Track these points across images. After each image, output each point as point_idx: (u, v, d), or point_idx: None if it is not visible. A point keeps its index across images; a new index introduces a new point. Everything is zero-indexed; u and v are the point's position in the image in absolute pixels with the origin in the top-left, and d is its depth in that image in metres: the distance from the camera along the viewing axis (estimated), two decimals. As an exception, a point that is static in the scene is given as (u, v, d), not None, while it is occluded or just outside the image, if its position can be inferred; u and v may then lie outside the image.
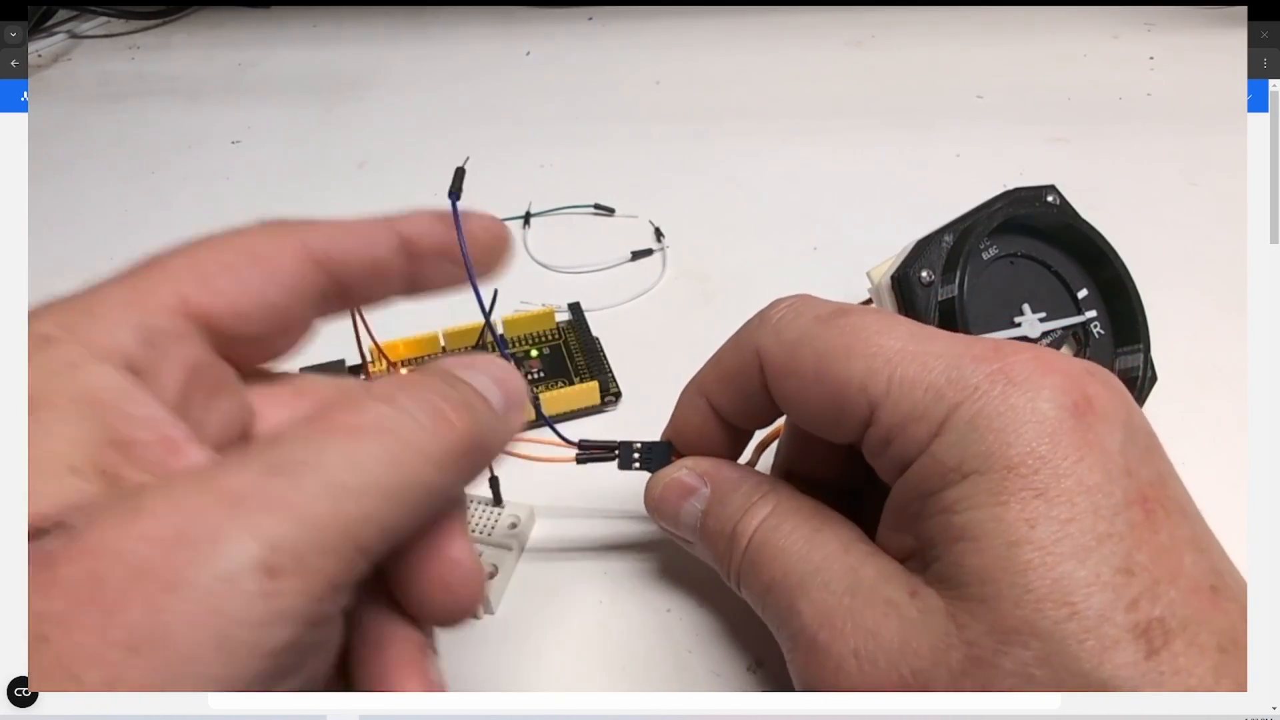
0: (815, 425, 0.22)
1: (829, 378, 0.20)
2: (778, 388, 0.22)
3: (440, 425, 0.16)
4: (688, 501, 0.24)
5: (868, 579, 0.19)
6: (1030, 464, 0.17)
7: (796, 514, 0.22)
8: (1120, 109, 0.55)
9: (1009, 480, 0.17)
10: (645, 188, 0.48)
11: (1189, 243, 0.42)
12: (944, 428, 0.18)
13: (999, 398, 0.18)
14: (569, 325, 0.37)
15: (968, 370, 0.19)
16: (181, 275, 0.18)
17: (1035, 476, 0.17)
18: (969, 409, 0.18)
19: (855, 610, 0.19)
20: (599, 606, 0.26)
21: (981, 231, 0.29)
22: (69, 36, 0.70)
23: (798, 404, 0.22)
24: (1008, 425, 0.18)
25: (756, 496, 0.23)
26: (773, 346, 0.22)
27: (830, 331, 0.21)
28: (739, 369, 0.23)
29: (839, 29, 0.67)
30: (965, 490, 0.18)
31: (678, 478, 0.24)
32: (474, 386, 0.17)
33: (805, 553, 0.21)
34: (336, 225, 0.19)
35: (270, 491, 0.13)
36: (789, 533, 0.21)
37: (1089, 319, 0.31)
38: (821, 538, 0.21)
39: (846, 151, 0.51)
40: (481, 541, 0.27)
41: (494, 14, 0.73)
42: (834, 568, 0.20)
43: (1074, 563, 0.16)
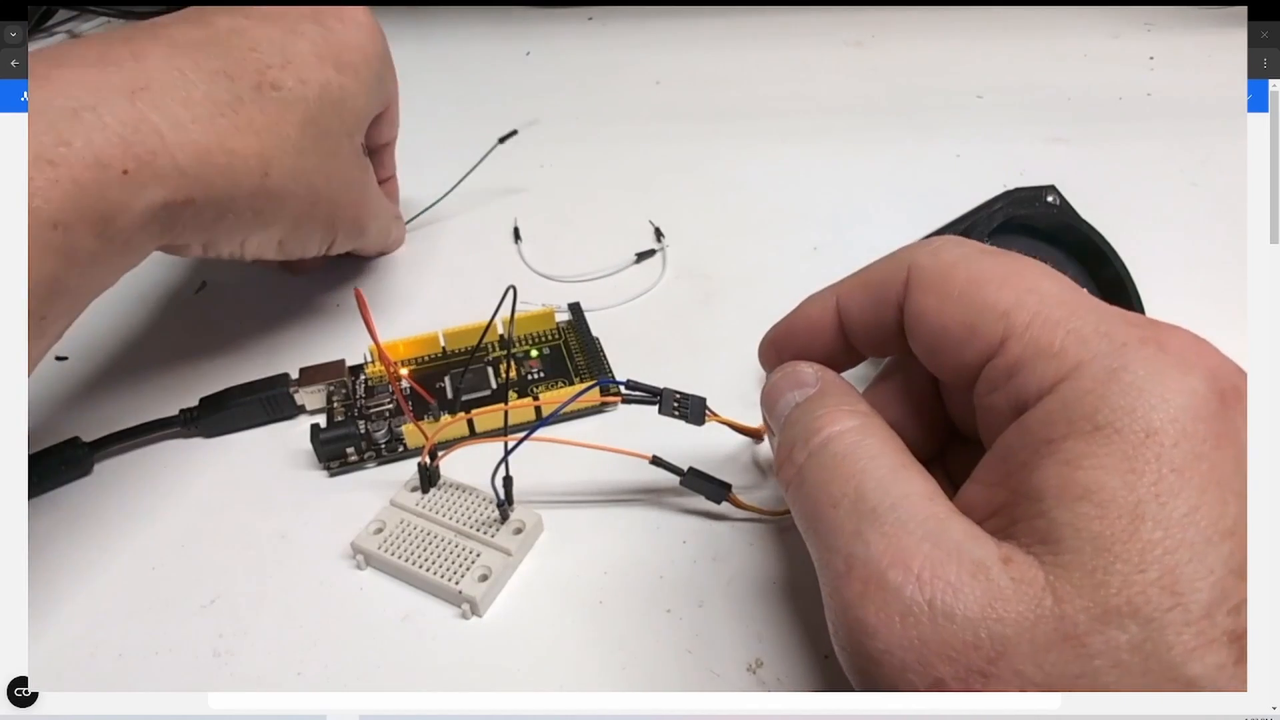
0: (938, 348, 0.21)
1: (975, 299, 0.20)
2: (917, 303, 0.21)
3: None
4: (794, 391, 0.23)
5: (953, 534, 0.18)
6: (1172, 435, 0.16)
7: (886, 441, 0.20)
8: (1120, 109, 0.55)
9: (1147, 446, 0.16)
10: (645, 188, 0.48)
11: (1189, 243, 0.42)
12: (1078, 372, 0.17)
13: (1149, 359, 0.17)
14: (569, 325, 0.37)
15: (1119, 328, 0.18)
16: None
17: (1175, 450, 0.16)
18: (1113, 360, 0.17)
19: (937, 560, 0.17)
20: (599, 606, 0.26)
21: (981, 231, 0.29)
22: (69, 37, 0.70)
23: (930, 321, 0.21)
24: (1156, 388, 0.17)
25: (852, 406, 0.22)
26: (927, 261, 0.21)
27: (991, 260, 0.20)
28: (884, 278, 0.22)
29: (839, 29, 0.67)
30: (1096, 445, 0.17)
31: (797, 367, 0.24)
32: None
33: (887, 482, 0.19)
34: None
35: None
36: (874, 455, 0.20)
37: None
38: (907, 474, 0.19)
39: (846, 151, 0.51)
40: (481, 541, 0.27)
41: (494, 14, 0.73)
42: (916, 509, 0.18)
43: (1191, 553, 0.16)
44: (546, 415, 0.30)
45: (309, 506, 0.30)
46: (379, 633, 0.26)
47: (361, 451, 0.31)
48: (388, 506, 0.29)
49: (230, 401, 0.33)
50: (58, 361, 0.36)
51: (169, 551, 0.29)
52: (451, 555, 0.27)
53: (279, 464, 0.32)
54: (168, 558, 0.28)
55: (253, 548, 0.29)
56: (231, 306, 0.40)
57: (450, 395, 0.33)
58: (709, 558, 0.28)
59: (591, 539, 0.28)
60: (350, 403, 0.33)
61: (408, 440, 0.31)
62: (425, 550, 0.27)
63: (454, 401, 0.33)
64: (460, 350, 0.35)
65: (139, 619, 0.27)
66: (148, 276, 0.42)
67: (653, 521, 0.29)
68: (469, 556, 0.27)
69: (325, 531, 0.29)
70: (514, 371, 0.34)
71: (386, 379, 0.34)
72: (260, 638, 0.26)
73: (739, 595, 0.27)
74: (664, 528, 0.29)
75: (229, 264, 0.43)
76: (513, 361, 0.35)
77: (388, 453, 0.31)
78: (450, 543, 0.27)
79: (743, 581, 0.27)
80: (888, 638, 0.17)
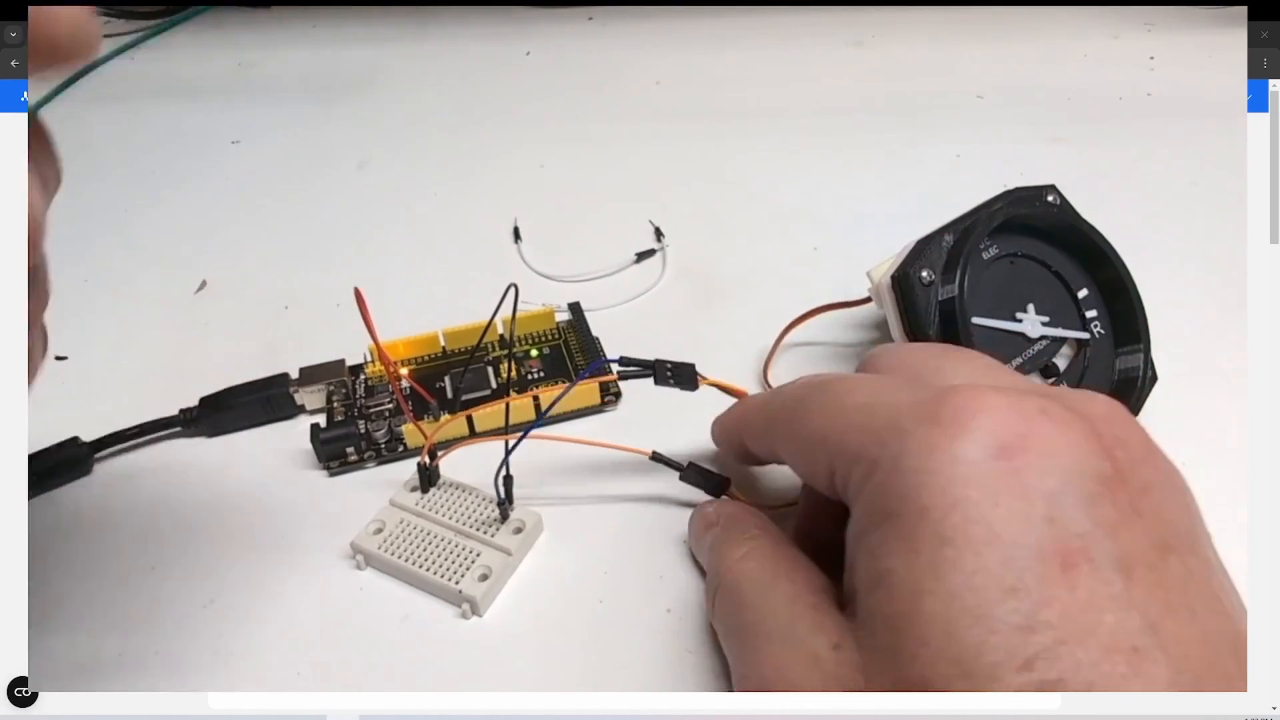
0: (804, 478, 0.23)
1: (802, 436, 0.22)
2: (759, 452, 0.25)
3: None
4: (708, 533, 0.26)
5: (800, 630, 0.20)
6: (941, 507, 0.17)
7: (767, 559, 0.23)
8: (1120, 109, 0.55)
9: (921, 525, 0.17)
10: (645, 188, 0.48)
11: (1189, 243, 0.42)
12: (874, 470, 0.19)
13: (922, 439, 0.18)
14: (569, 325, 0.37)
15: (902, 417, 0.19)
16: None
17: (945, 522, 0.17)
18: (894, 450, 0.18)
19: (784, 662, 0.19)
20: (599, 606, 0.26)
21: (982, 231, 0.29)
22: (69, 36, 0.70)
23: (786, 458, 0.24)
24: (925, 467, 0.17)
25: (743, 537, 0.24)
26: (758, 419, 0.25)
27: (809, 393, 0.23)
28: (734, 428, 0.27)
29: (839, 29, 0.67)
30: (884, 534, 0.18)
31: (705, 511, 0.27)
32: None
33: (756, 600, 0.21)
34: None
35: None
36: (751, 576, 0.22)
37: (1088, 337, 0.31)
38: (776, 585, 0.21)
39: (846, 151, 0.51)
40: (481, 541, 0.27)
41: (494, 14, 0.73)
42: (777, 616, 0.21)
43: (971, 619, 0.16)
44: (545, 409, 0.30)
45: (309, 506, 0.30)
46: (379, 633, 0.26)
47: (361, 451, 0.31)
48: (387, 506, 0.29)
49: (230, 401, 0.33)
50: (58, 361, 0.36)
51: (169, 551, 0.29)
52: (451, 555, 0.27)
53: (279, 464, 0.32)
54: (168, 558, 0.28)
55: (253, 548, 0.29)
56: (231, 306, 0.40)
57: (450, 395, 0.33)
58: (709, 558, 0.28)
59: (591, 539, 0.28)
60: (350, 402, 0.33)
61: (408, 440, 0.31)
62: (425, 550, 0.27)
63: (454, 401, 0.33)
64: (460, 350, 0.35)
65: (139, 619, 0.27)
66: (148, 276, 0.42)
67: (653, 521, 0.29)
68: (469, 556, 0.27)
69: (325, 531, 0.29)
70: (514, 371, 0.34)
71: (386, 379, 0.34)
72: (260, 638, 0.26)
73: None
74: (664, 527, 0.29)
75: (229, 264, 0.43)
76: (513, 361, 0.35)
77: (388, 452, 0.31)
78: (450, 542, 0.27)
79: (743, 581, 0.27)
80: None
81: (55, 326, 0.38)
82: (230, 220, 0.47)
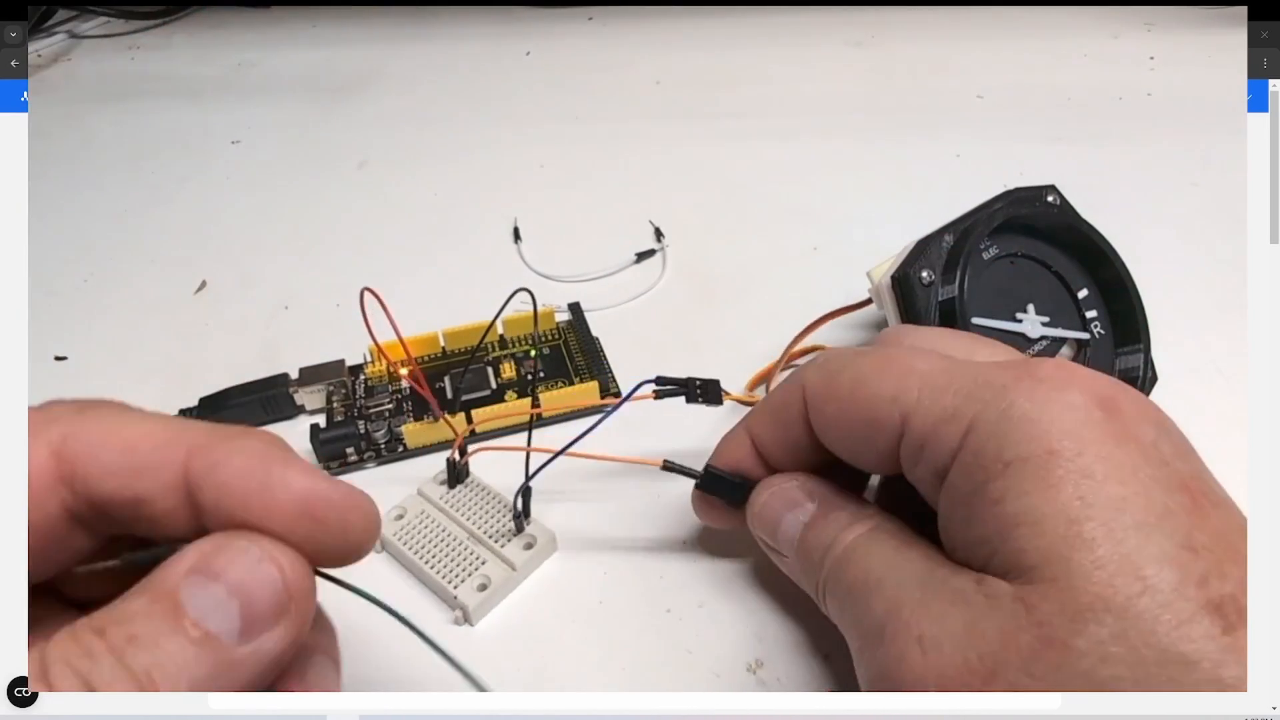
0: (853, 448, 0.22)
1: (863, 396, 0.21)
2: (817, 414, 0.22)
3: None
4: (791, 513, 0.24)
5: (937, 574, 0.19)
6: (1072, 447, 0.17)
7: (891, 533, 0.22)
8: (1120, 109, 0.55)
9: (1053, 464, 0.17)
10: (645, 188, 0.48)
11: (1189, 243, 0.42)
12: (975, 424, 0.19)
13: (1027, 392, 0.18)
14: (569, 325, 0.37)
15: (994, 375, 0.19)
16: None
17: (1080, 459, 0.17)
18: (999, 404, 0.19)
19: (923, 601, 0.19)
20: (599, 606, 0.26)
21: (982, 231, 0.29)
22: (69, 36, 0.70)
23: (835, 425, 0.22)
24: (1042, 415, 0.18)
25: (860, 515, 0.22)
26: (815, 377, 0.23)
27: (867, 358, 0.22)
28: (784, 402, 0.24)
29: (839, 29, 0.67)
30: (1010, 480, 0.18)
31: (786, 488, 0.24)
32: (190, 619, 0.15)
33: (890, 559, 0.21)
34: (107, 433, 0.16)
35: None
36: (880, 544, 0.21)
37: (1088, 337, 0.31)
38: (907, 550, 0.21)
39: (846, 151, 0.51)
40: (490, 549, 0.27)
41: (494, 14, 0.73)
42: (913, 568, 0.20)
43: (1139, 537, 0.16)
44: (577, 435, 0.28)
45: (309, 506, 0.30)
46: (379, 633, 0.26)
47: (361, 451, 0.31)
48: (414, 495, 0.29)
49: (230, 401, 0.33)
50: (57, 361, 0.36)
51: (169, 551, 0.28)
52: (458, 558, 0.27)
53: (279, 464, 0.32)
54: (168, 558, 0.28)
55: (253, 548, 0.28)
56: (231, 306, 0.40)
57: (450, 395, 0.33)
58: (709, 557, 0.28)
59: (591, 538, 0.28)
60: (350, 403, 0.33)
61: (408, 440, 0.31)
62: (435, 547, 0.27)
63: (454, 401, 0.33)
64: (460, 350, 0.35)
65: (139, 619, 0.26)
66: (148, 276, 0.42)
67: (653, 521, 0.29)
68: (474, 563, 0.27)
69: (325, 531, 0.29)
70: (514, 372, 0.34)
71: (386, 379, 0.34)
72: (260, 638, 0.26)
73: (739, 595, 0.27)
74: (664, 528, 0.29)
75: (229, 264, 0.43)
76: (513, 361, 0.35)
77: (387, 453, 0.31)
78: (460, 545, 0.27)
79: (743, 581, 0.27)
80: (899, 683, 0.18)
81: (56, 327, 0.38)
82: (230, 220, 0.47)
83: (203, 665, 0.15)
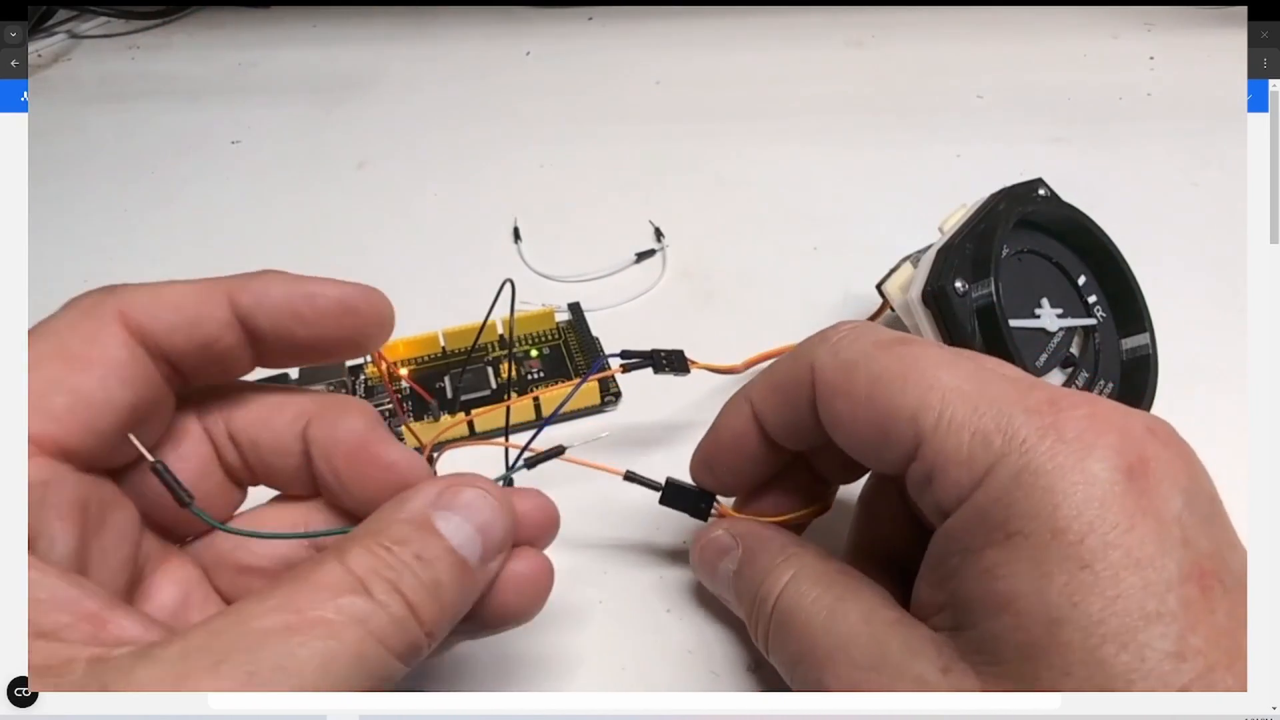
0: (859, 448, 0.21)
1: (880, 402, 0.20)
2: (826, 406, 0.21)
3: (409, 621, 0.16)
4: (723, 561, 0.24)
5: (894, 653, 0.19)
6: (1077, 530, 0.16)
7: (819, 579, 0.21)
8: (1120, 109, 0.55)
9: (1054, 547, 0.16)
10: (645, 188, 0.48)
11: (1189, 243, 0.42)
12: (987, 478, 0.18)
13: (1047, 454, 0.17)
14: (569, 325, 0.37)
15: (1019, 421, 0.18)
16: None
17: (1081, 545, 0.16)
18: (1015, 462, 0.17)
19: (882, 687, 0.18)
20: (599, 606, 0.26)
21: (1003, 233, 0.29)
22: (69, 36, 0.70)
23: (845, 425, 0.21)
24: (1055, 485, 0.17)
25: (781, 558, 0.22)
26: (829, 363, 0.21)
27: (889, 357, 0.20)
28: (791, 380, 0.22)
29: (839, 29, 0.67)
30: (1008, 554, 0.17)
31: (715, 537, 0.24)
32: (450, 544, 0.18)
33: (829, 625, 0.20)
34: (158, 296, 0.19)
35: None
36: (812, 601, 0.21)
37: (1094, 323, 0.31)
38: (844, 607, 0.20)
39: (846, 151, 0.51)
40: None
41: (494, 14, 0.73)
42: (858, 641, 0.19)
43: (1116, 646, 0.16)
44: (547, 415, 0.30)
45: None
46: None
47: (361, 451, 0.31)
48: None
49: (230, 401, 0.32)
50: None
51: (169, 551, 0.28)
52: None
53: (279, 464, 0.32)
54: (168, 558, 0.28)
55: (253, 548, 0.28)
56: (231, 306, 0.40)
57: (450, 395, 0.33)
58: (709, 558, 0.28)
59: (591, 539, 0.28)
60: (350, 403, 0.33)
61: (407, 441, 0.31)
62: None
63: (454, 401, 0.33)
64: (460, 350, 0.35)
65: (139, 619, 0.26)
66: (147, 276, 0.42)
67: (653, 522, 0.29)
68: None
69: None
70: (514, 371, 0.34)
71: (387, 379, 0.34)
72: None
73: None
74: (664, 528, 0.29)
75: (229, 264, 0.43)
76: (513, 361, 0.35)
77: (388, 453, 0.31)
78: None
79: (743, 581, 0.27)
80: None
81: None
82: (230, 220, 0.47)
83: (460, 584, 0.18)
